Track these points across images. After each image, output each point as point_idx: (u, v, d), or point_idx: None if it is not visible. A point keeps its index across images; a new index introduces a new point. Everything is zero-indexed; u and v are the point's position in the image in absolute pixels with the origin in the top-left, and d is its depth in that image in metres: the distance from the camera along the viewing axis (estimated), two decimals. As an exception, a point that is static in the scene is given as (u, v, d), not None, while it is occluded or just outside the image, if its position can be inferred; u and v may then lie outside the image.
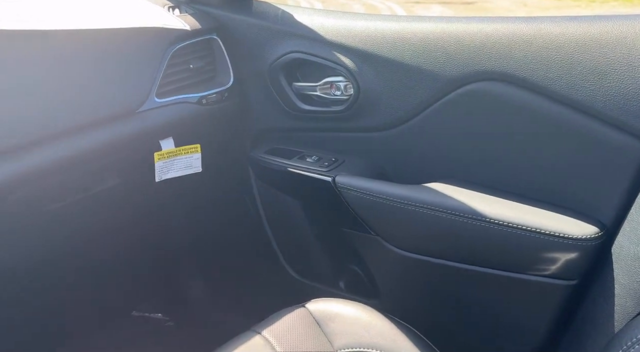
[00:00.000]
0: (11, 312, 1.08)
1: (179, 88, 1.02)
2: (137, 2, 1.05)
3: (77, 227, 1.07)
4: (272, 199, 1.21)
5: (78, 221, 1.05)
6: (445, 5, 8.01)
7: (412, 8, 8.02)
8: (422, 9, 7.94)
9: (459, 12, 7.70)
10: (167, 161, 1.07)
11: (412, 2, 8.44)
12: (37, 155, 0.80)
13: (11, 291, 1.04)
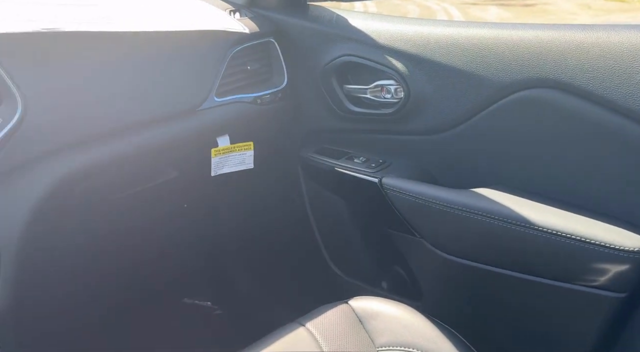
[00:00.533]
0: (76, 293, 1.17)
1: (236, 88, 1.07)
2: (202, 6, 1.11)
3: (137, 216, 1.15)
4: (319, 197, 1.24)
5: (139, 210, 1.12)
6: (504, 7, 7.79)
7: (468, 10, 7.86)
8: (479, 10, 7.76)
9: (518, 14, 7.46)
10: (222, 157, 1.13)
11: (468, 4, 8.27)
12: (107, 147, 0.87)
13: (76, 272, 1.12)
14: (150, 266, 1.32)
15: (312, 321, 0.86)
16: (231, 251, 1.50)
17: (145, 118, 0.92)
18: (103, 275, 1.20)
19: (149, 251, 1.27)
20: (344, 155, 1.15)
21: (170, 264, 1.37)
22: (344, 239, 1.24)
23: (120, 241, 1.17)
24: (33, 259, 0.79)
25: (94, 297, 1.21)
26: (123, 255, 1.22)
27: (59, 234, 0.92)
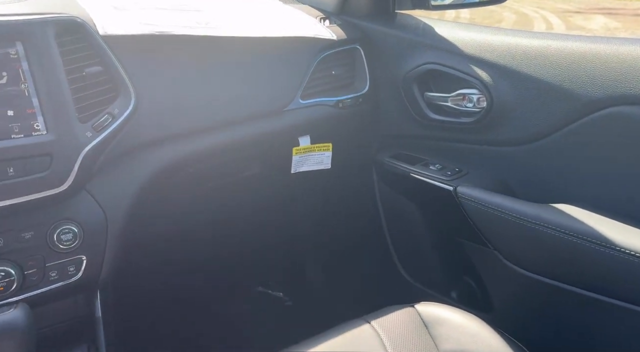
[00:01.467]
0: (165, 270, 1.29)
1: (319, 91, 1.12)
2: (295, 13, 1.17)
3: (223, 206, 1.24)
4: (392, 201, 1.26)
5: (225, 201, 1.22)
6: (612, 16, 7.24)
7: (569, 18, 7.39)
8: (583, 19, 7.27)
9: (628, 23, 6.90)
10: (302, 156, 1.19)
11: (570, 12, 7.79)
12: (203, 140, 0.96)
13: (167, 251, 1.24)
14: (230, 253, 1.41)
15: (378, 320, 0.89)
16: (304, 246, 1.56)
17: (238, 116, 0.99)
18: (189, 257, 1.31)
19: (230, 239, 1.37)
20: (419, 161, 1.16)
21: (248, 254, 1.46)
22: (415, 245, 1.25)
23: (206, 227, 1.27)
24: (134, 234, 0.89)
25: (181, 276, 1.33)
26: (207, 241, 1.33)
27: (157, 215, 1.03)
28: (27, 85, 0.73)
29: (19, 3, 0.81)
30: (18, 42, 0.73)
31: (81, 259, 0.80)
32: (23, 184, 0.72)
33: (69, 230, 0.78)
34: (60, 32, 0.76)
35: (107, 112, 0.80)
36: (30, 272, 0.75)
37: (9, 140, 0.71)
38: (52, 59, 0.74)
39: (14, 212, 0.73)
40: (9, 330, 0.64)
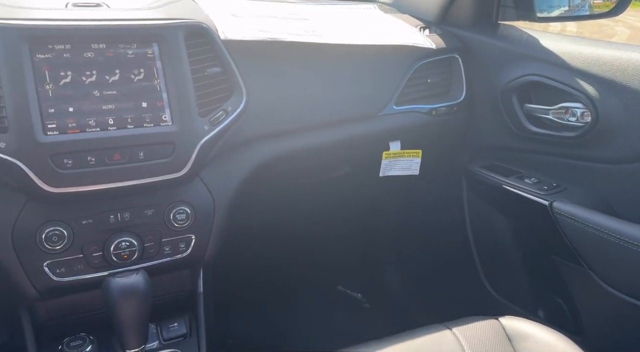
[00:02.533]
0: (256, 258, 1.37)
1: (414, 98, 1.15)
2: (396, 22, 1.21)
3: (312, 203, 1.30)
4: (480, 212, 1.25)
5: (314, 198, 1.28)
6: None
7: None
8: None
9: None
10: (391, 160, 1.22)
11: (692, 25, 7.08)
12: (303, 139, 1.02)
13: (260, 241, 1.32)
14: (314, 249, 1.47)
15: (459, 328, 0.89)
16: (386, 249, 1.58)
17: (335, 118, 1.05)
18: (277, 248, 1.38)
19: (315, 235, 1.42)
20: (513, 173, 1.14)
21: (331, 252, 1.51)
22: (502, 258, 1.22)
23: (294, 222, 1.34)
24: (234, 222, 0.97)
25: (269, 264, 1.41)
26: (294, 235, 1.39)
27: (253, 206, 1.11)
28: (159, 81, 0.83)
29: (155, 10, 0.92)
30: (154, 44, 0.83)
31: (190, 238, 0.88)
32: (150, 167, 0.81)
33: (183, 211, 0.87)
34: (189, 36, 0.85)
35: (222, 109, 0.88)
36: (148, 245, 0.85)
37: (142, 129, 0.81)
38: (180, 59, 0.83)
39: (140, 191, 0.83)
40: (131, 290, 0.74)
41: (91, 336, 0.86)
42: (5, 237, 0.76)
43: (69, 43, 0.77)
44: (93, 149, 0.77)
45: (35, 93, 0.74)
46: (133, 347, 0.76)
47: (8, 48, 0.72)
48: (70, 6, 0.85)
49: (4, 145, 0.72)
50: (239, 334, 1.32)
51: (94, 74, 0.79)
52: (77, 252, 0.80)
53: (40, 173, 0.74)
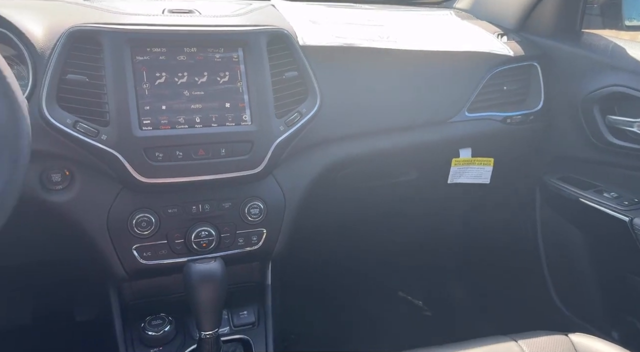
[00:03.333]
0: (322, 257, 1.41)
1: (488, 106, 1.13)
2: (472, 28, 1.20)
3: (376, 206, 1.32)
4: (554, 226, 1.21)
5: (379, 202, 1.29)
6: None
7: None
8: None
9: None
10: (461, 168, 1.21)
11: None
12: (371, 143, 1.04)
13: (323, 241, 1.36)
14: (377, 252, 1.48)
15: (526, 341, 0.86)
16: (452, 257, 1.57)
17: (405, 123, 1.06)
18: (342, 248, 1.41)
19: (379, 239, 1.44)
20: (591, 187, 1.10)
21: (394, 257, 1.51)
22: (575, 273, 1.17)
23: (361, 224, 1.36)
24: (302, 220, 1.01)
25: (333, 264, 1.44)
26: (359, 237, 1.42)
27: (320, 206, 1.14)
28: (241, 83, 0.88)
29: (241, 16, 0.98)
30: (239, 48, 0.89)
31: (262, 231, 0.94)
32: (229, 163, 0.87)
33: (257, 206, 0.92)
34: (271, 41, 0.91)
35: (297, 111, 0.93)
36: (224, 236, 0.91)
37: (225, 127, 0.87)
38: (262, 63, 0.89)
39: (220, 185, 0.89)
40: (209, 276, 0.79)
41: (170, 317, 0.93)
42: (102, 221, 0.85)
43: (165, 46, 0.85)
44: (181, 145, 0.84)
45: (134, 91, 0.81)
46: (208, 329, 0.81)
47: (112, 50, 0.81)
48: (167, 12, 0.93)
49: (105, 137, 0.80)
50: (299, 330, 1.36)
51: (185, 76, 0.86)
52: (162, 238, 0.87)
53: (135, 164, 0.81)
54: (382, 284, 1.60)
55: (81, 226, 0.84)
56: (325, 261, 1.45)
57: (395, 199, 1.33)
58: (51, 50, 0.80)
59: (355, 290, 1.56)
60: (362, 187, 1.24)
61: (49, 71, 0.78)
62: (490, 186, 1.21)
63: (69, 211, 0.84)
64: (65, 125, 0.78)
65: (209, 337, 0.81)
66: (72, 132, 0.79)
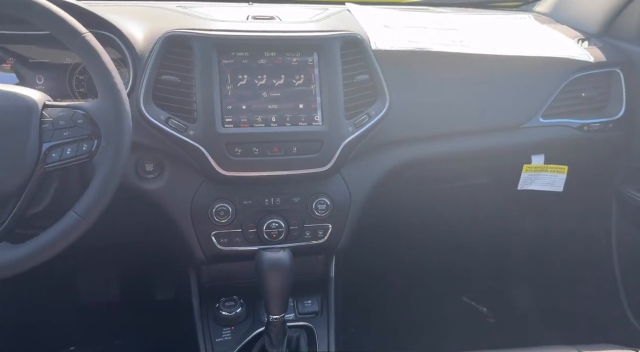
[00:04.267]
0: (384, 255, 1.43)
1: (564, 112, 1.10)
2: (551, 33, 1.17)
3: (442, 210, 1.32)
4: (631, 238, 1.15)
5: (445, 205, 1.30)
6: None
7: None
8: None
9: None
10: (532, 174, 1.18)
11: None
12: (439, 146, 1.06)
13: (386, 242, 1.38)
14: (442, 256, 1.49)
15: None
16: (519, 264, 1.53)
17: (475, 127, 1.06)
18: (405, 249, 1.43)
19: (446, 241, 1.44)
20: None
21: (459, 261, 1.51)
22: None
23: (426, 226, 1.37)
24: (366, 217, 1.05)
25: (395, 264, 1.46)
26: (423, 239, 1.43)
27: (385, 205, 1.17)
28: (315, 86, 0.94)
29: (317, 22, 1.03)
30: (315, 53, 0.94)
31: (328, 226, 0.99)
32: (300, 161, 0.93)
33: (324, 202, 0.97)
34: (344, 46, 0.95)
35: (366, 113, 0.96)
36: (293, 228, 0.97)
37: (297, 127, 0.93)
38: (335, 67, 0.94)
39: (290, 181, 0.96)
40: (278, 264, 0.86)
41: (241, 300, 1.01)
42: (186, 208, 0.94)
43: (248, 51, 0.92)
44: (258, 142, 0.91)
45: (219, 92, 0.89)
46: (276, 313, 0.88)
47: (202, 54, 0.89)
48: (250, 19, 1.01)
49: (193, 133, 0.89)
50: (359, 325, 1.40)
51: (264, 78, 0.93)
52: (237, 227, 0.95)
53: (217, 158, 0.89)
54: (445, 287, 1.59)
55: (168, 211, 0.94)
56: (389, 259, 1.48)
57: (462, 202, 1.33)
58: (149, 53, 0.89)
59: (417, 291, 1.57)
60: (430, 189, 1.25)
61: (147, 72, 0.88)
62: (563, 194, 1.18)
63: (158, 198, 0.93)
64: (159, 121, 0.88)
65: (276, 320, 0.88)
66: (165, 127, 0.88)
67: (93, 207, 0.71)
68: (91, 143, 0.72)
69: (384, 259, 1.49)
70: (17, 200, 0.70)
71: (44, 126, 0.71)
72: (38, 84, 0.96)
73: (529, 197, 1.21)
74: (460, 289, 1.63)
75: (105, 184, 0.71)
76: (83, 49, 0.72)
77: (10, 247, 0.69)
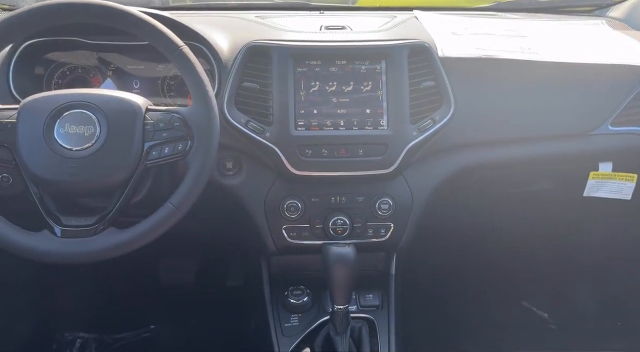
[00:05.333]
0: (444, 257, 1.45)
1: (635, 120, 1.08)
2: (623, 40, 1.15)
3: (507, 212, 1.33)
4: None
5: (509, 208, 1.30)
6: None
7: None
8: None
9: None
10: (599, 181, 1.17)
11: None
12: (504, 151, 1.07)
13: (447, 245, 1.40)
14: (503, 260, 1.49)
15: None
16: (580, 272, 1.50)
17: (542, 134, 1.07)
18: (465, 252, 1.45)
19: (507, 245, 1.45)
20: None
21: (521, 265, 1.50)
22: None
23: (487, 229, 1.39)
24: (427, 218, 1.09)
25: (454, 266, 1.48)
26: (485, 242, 1.44)
27: (445, 207, 1.20)
28: (381, 92, 0.99)
29: (386, 31, 1.09)
30: (382, 61, 1.00)
31: (390, 225, 1.04)
32: (365, 163, 0.99)
33: (386, 202, 1.03)
34: (412, 53, 1.00)
35: (431, 118, 1.01)
36: (357, 226, 1.03)
37: (364, 130, 0.99)
38: (402, 74, 0.99)
39: (355, 181, 1.02)
40: (344, 258, 0.93)
41: (308, 290, 1.08)
42: (260, 203, 1.02)
43: (321, 59, 0.99)
44: (327, 144, 0.98)
45: (293, 98, 0.97)
46: (340, 304, 0.95)
47: (279, 62, 0.97)
48: (323, 29, 1.08)
49: (269, 135, 0.97)
50: (417, 323, 1.44)
51: (334, 85, 1.00)
52: (305, 222, 1.03)
53: (289, 158, 0.97)
54: (505, 291, 1.59)
55: (245, 205, 1.03)
56: (449, 260, 1.50)
57: (525, 207, 1.33)
58: (232, 62, 0.99)
59: (476, 294, 1.58)
60: (493, 193, 1.27)
61: (230, 79, 0.97)
62: (632, 203, 1.16)
63: (237, 193, 1.03)
64: (240, 123, 0.97)
65: (340, 310, 0.94)
66: (245, 129, 0.97)
67: (186, 199, 0.81)
68: (185, 143, 0.82)
69: (444, 259, 1.52)
70: (123, 191, 0.82)
71: (147, 127, 0.81)
72: (134, 88, 1.09)
73: (594, 204, 1.20)
74: (521, 293, 1.63)
75: (197, 179, 0.81)
76: (181, 60, 0.82)
77: (117, 232, 0.81)
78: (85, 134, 0.79)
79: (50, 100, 0.81)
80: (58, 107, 0.80)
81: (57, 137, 0.79)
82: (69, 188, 0.82)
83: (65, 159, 0.79)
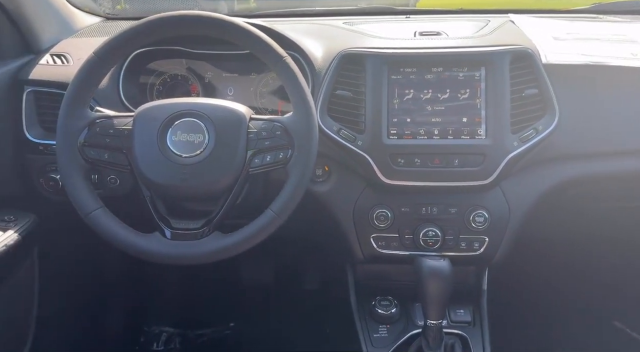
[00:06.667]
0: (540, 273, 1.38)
1: None
2: None
3: (610, 228, 1.24)
4: None
5: (609, 224, 1.22)
6: None
7: None
8: None
9: None
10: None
11: None
12: (608, 164, 1.01)
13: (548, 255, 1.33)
14: (595, 277, 1.40)
15: None
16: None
17: None
18: (563, 266, 1.37)
19: (601, 263, 1.35)
20: None
21: (614, 284, 1.40)
22: None
23: (581, 246, 1.31)
24: (526, 232, 1.03)
25: (549, 283, 1.40)
26: (579, 259, 1.35)
27: (547, 221, 1.13)
28: (480, 100, 0.96)
29: (485, 37, 1.05)
30: (482, 67, 0.96)
31: (484, 239, 1.00)
32: (461, 173, 0.96)
33: (482, 215, 0.99)
34: (514, 60, 0.95)
35: (533, 127, 0.95)
36: (448, 238, 1.00)
37: (459, 140, 0.96)
38: (503, 82, 0.94)
39: (449, 192, 0.99)
40: (439, 271, 0.90)
41: (396, 301, 1.07)
42: (349, 211, 1.02)
43: (416, 67, 0.97)
44: (420, 153, 0.96)
45: (386, 106, 0.96)
46: (434, 319, 0.92)
47: (373, 70, 0.96)
48: (417, 35, 1.06)
49: (361, 143, 0.96)
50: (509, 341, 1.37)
51: (429, 92, 0.97)
52: (394, 232, 1.01)
53: (380, 167, 0.96)
54: (597, 310, 1.49)
55: (333, 212, 1.03)
56: (542, 277, 1.43)
57: (627, 224, 1.24)
58: (326, 70, 0.99)
59: (567, 312, 1.50)
60: (592, 208, 1.19)
61: (324, 88, 0.97)
62: None
63: (326, 200, 1.03)
64: (332, 131, 0.97)
65: (434, 325, 0.92)
66: (337, 137, 0.97)
67: (286, 206, 0.82)
68: (286, 151, 0.83)
69: (537, 275, 1.44)
70: (227, 197, 0.84)
71: (250, 136, 0.83)
72: (229, 95, 1.12)
73: None
74: (614, 313, 1.52)
75: (297, 187, 0.82)
76: (284, 70, 0.83)
77: (222, 236, 0.83)
78: (195, 141, 0.82)
79: (163, 109, 0.84)
80: (170, 115, 0.83)
81: (170, 144, 0.82)
82: (180, 193, 0.85)
83: (176, 165, 0.82)
